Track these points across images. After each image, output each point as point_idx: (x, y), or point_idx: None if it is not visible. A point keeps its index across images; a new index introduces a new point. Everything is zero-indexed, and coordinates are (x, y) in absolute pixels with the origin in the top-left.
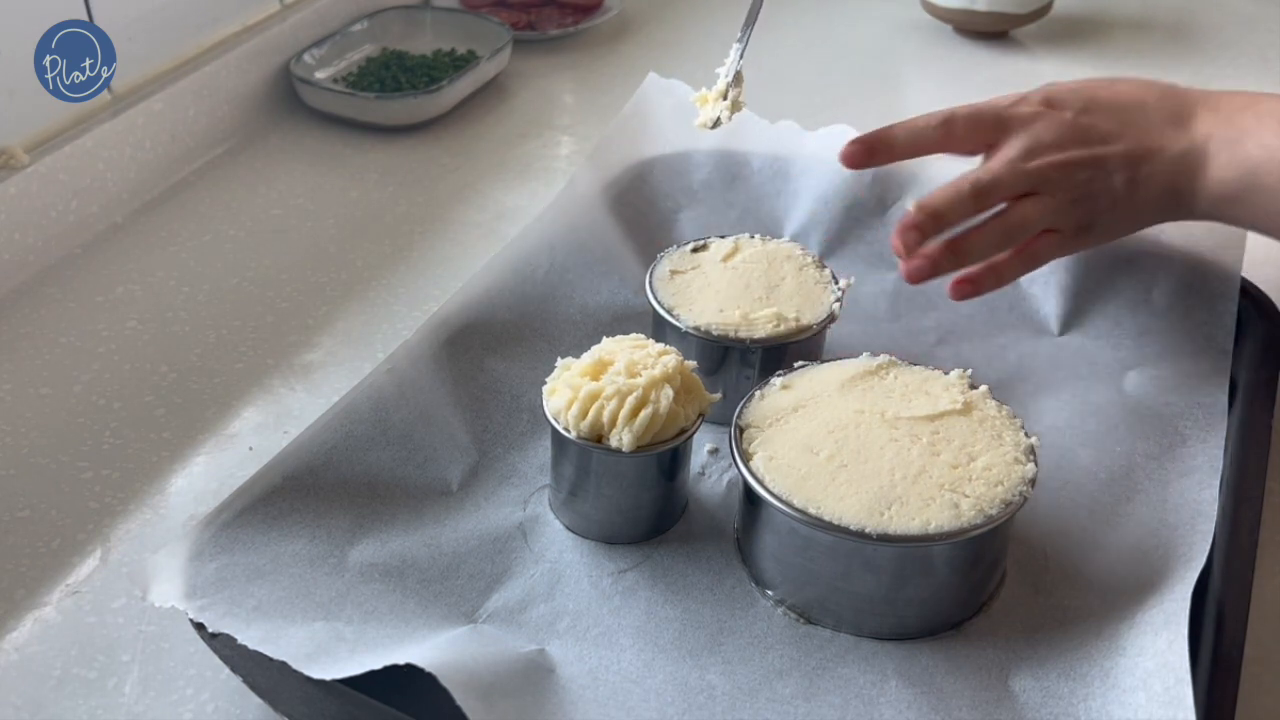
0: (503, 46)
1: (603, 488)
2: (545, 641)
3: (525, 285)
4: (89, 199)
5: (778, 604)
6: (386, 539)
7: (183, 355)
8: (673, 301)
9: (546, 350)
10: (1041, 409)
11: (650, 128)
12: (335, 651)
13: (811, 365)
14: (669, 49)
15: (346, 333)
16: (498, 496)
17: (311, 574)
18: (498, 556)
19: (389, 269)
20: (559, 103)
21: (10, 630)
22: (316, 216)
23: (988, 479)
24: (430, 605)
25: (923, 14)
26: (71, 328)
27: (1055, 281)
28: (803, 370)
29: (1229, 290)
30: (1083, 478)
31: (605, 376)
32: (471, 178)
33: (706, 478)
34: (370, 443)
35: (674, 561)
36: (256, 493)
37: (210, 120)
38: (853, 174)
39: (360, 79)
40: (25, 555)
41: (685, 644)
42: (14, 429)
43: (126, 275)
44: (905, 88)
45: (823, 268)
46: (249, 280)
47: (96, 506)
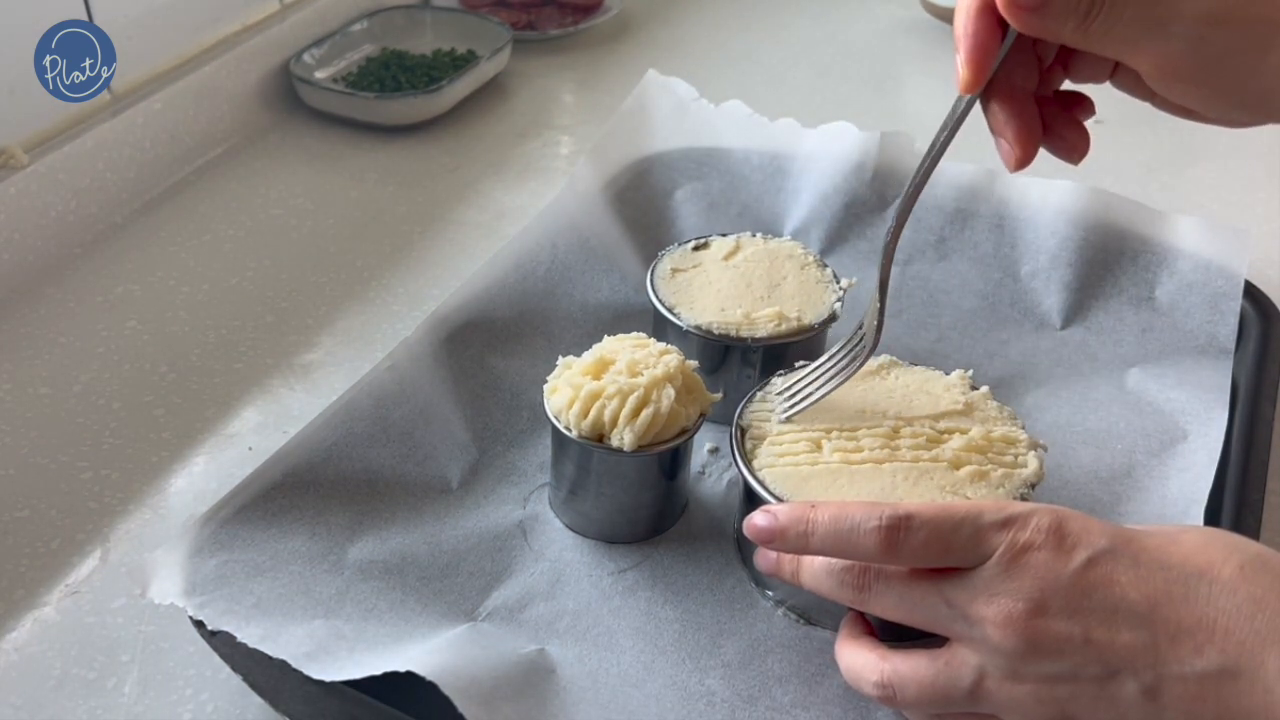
0: (503, 46)
1: (603, 487)
2: (545, 641)
3: (526, 283)
4: (89, 199)
5: (778, 605)
6: (386, 536)
7: (183, 355)
8: (674, 300)
9: (547, 348)
10: (1042, 405)
11: (650, 125)
12: (335, 650)
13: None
14: (669, 49)
15: (346, 333)
16: (498, 494)
17: (311, 571)
18: (497, 555)
19: (389, 269)
20: (559, 103)
21: (10, 630)
22: (316, 216)
23: (989, 480)
24: (430, 603)
25: (923, 14)
26: (71, 328)
27: (1057, 277)
28: (803, 370)
29: (1233, 290)
30: (1083, 477)
31: (607, 376)
32: (471, 178)
33: (706, 477)
34: (370, 440)
35: (674, 561)
36: (256, 489)
37: (210, 120)
38: (852, 171)
39: (360, 79)
40: (25, 555)
41: (685, 646)
42: (14, 429)
43: (126, 275)
44: (905, 88)
45: (824, 267)
46: (249, 280)
47: (96, 506)
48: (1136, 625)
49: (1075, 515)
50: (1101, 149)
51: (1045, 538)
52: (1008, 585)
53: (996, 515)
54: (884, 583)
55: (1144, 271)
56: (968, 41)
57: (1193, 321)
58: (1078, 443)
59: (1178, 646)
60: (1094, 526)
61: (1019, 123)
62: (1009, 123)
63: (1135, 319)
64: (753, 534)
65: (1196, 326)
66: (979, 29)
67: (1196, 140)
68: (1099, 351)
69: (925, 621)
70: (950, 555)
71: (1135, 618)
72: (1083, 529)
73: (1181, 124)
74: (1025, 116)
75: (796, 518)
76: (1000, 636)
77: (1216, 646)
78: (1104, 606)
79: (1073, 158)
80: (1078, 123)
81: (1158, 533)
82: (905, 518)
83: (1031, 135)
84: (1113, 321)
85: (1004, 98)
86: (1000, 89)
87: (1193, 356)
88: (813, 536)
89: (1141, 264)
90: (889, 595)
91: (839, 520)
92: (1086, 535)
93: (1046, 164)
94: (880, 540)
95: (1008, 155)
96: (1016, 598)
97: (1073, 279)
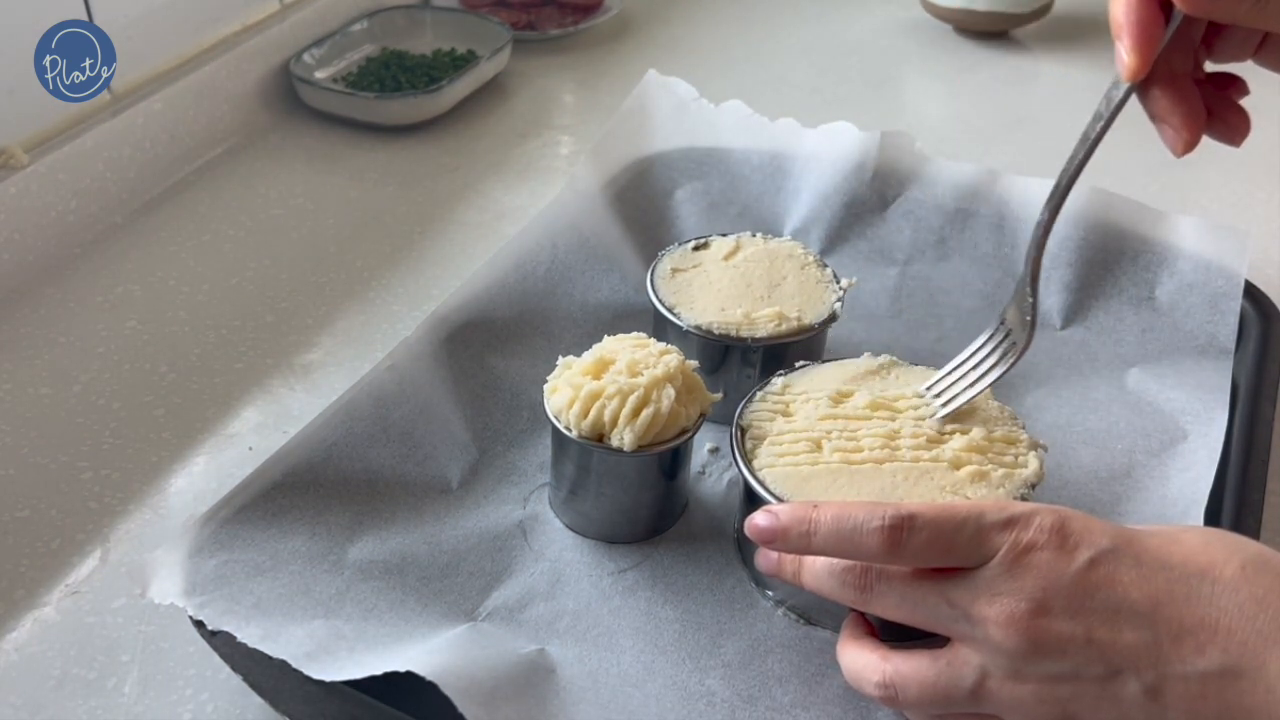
0: (503, 46)
1: (603, 487)
2: (545, 641)
3: (526, 282)
4: (89, 199)
5: (778, 605)
6: (386, 536)
7: (183, 355)
8: (674, 300)
9: (547, 348)
10: (1042, 405)
11: (650, 125)
12: (335, 650)
13: (813, 365)
14: (669, 49)
15: (346, 332)
16: (498, 494)
17: (311, 571)
18: (497, 554)
19: (389, 269)
20: (559, 103)
21: (10, 630)
22: (316, 216)
23: (989, 480)
24: (430, 603)
25: (923, 14)
26: (71, 328)
27: (1058, 277)
28: (804, 370)
29: (1233, 290)
30: (1083, 477)
31: (607, 376)
32: (471, 178)
33: (706, 477)
34: (370, 440)
35: (674, 561)
36: (256, 489)
37: (210, 120)
38: (853, 171)
39: (360, 79)
40: (25, 555)
41: (685, 646)
42: (14, 429)
43: (126, 275)
44: (905, 88)
45: (824, 267)
46: (249, 280)
47: (96, 506)
48: (1139, 625)
49: (1077, 515)
50: (1102, 148)
51: (1048, 538)
52: (1010, 585)
53: (999, 515)
54: (886, 583)
55: (1144, 271)
56: (1132, 28)
57: (1193, 321)
58: (1078, 443)
59: (1180, 646)
60: (1096, 526)
61: (1185, 107)
62: (1174, 108)
63: (1135, 319)
64: (754, 534)
65: (1196, 326)
66: (1142, 14)
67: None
68: (1099, 351)
69: (927, 622)
70: (952, 555)
71: (1137, 617)
72: (1085, 529)
73: None
74: (1190, 100)
75: (798, 518)
76: (1002, 636)
77: (1218, 646)
78: (1106, 606)
79: (1234, 139)
80: (1236, 104)
81: (1159, 533)
82: (908, 518)
83: (1198, 119)
84: (1113, 321)
85: (1165, 83)
86: (1160, 75)
87: (1193, 356)
88: (814, 536)
89: (1141, 264)
90: (891, 595)
91: (841, 520)
92: (1089, 535)
93: (1048, 164)
94: (883, 540)
95: (1174, 140)
96: (1019, 597)
97: (1073, 279)
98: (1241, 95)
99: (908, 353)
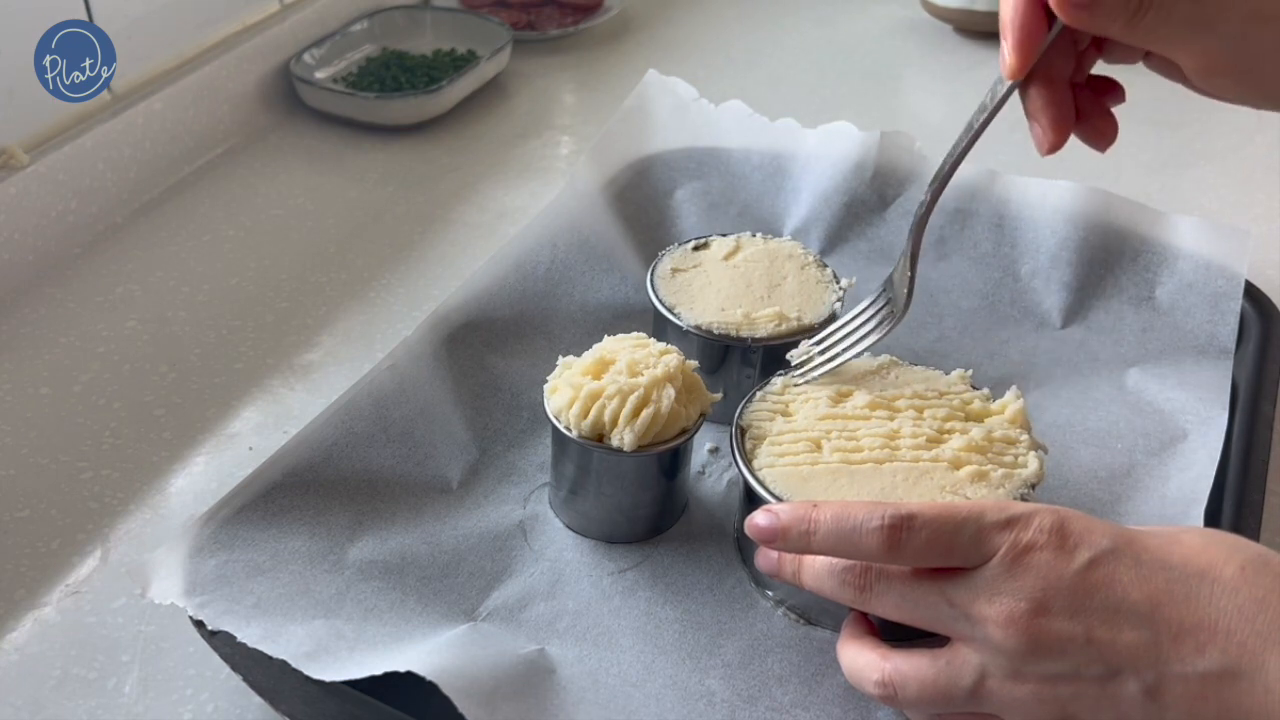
0: (503, 46)
1: (603, 487)
2: (545, 641)
3: (526, 282)
4: (89, 199)
5: (778, 605)
6: (386, 536)
7: (183, 355)
8: (674, 300)
9: (547, 348)
10: (1043, 405)
11: (650, 125)
12: (335, 650)
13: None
14: (669, 49)
15: (346, 332)
16: (498, 494)
17: (311, 571)
18: (498, 554)
19: (389, 269)
20: (559, 103)
21: (10, 630)
22: (316, 216)
23: (989, 480)
24: (430, 603)
25: (923, 14)
26: (71, 328)
27: (1057, 276)
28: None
29: (1233, 290)
30: (1083, 477)
31: (607, 376)
32: (471, 178)
33: (706, 477)
34: (370, 440)
35: (674, 561)
36: (256, 489)
37: (210, 120)
38: (852, 171)
39: (360, 79)
40: (25, 555)
41: (685, 646)
42: (14, 429)
43: (126, 275)
44: (905, 88)
45: (824, 267)
46: (249, 280)
47: (96, 506)
48: (1138, 625)
49: (1077, 515)
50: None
51: (1048, 538)
52: (1010, 585)
53: (999, 515)
54: (885, 582)
55: (1144, 271)
56: (1016, 31)
57: (1193, 321)
58: (1078, 443)
59: (1179, 646)
60: (1096, 526)
61: (1055, 109)
62: (1045, 108)
63: (1135, 319)
64: (754, 533)
65: (1197, 326)
66: (1027, 18)
67: (1196, 140)
68: (1099, 351)
69: (927, 621)
70: (953, 555)
71: (1137, 617)
72: (1085, 529)
73: (1182, 124)
74: (1061, 103)
75: (798, 517)
76: (1002, 636)
77: (1218, 646)
78: (1106, 606)
79: (1101, 145)
80: (1107, 110)
81: (1159, 533)
82: (908, 518)
83: (1066, 121)
84: (1113, 321)
85: (1042, 83)
86: (1040, 75)
87: (1193, 356)
88: (814, 536)
89: (1142, 264)
90: (890, 595)
91: (841, 520)
92: (1089, 535)
93: (1047, 164)
94: (882, 540)
95: (1041, 140)
96: (1019, 597)
97: (1073, 279)
98: (1116, 102)
99: (907, 353)
